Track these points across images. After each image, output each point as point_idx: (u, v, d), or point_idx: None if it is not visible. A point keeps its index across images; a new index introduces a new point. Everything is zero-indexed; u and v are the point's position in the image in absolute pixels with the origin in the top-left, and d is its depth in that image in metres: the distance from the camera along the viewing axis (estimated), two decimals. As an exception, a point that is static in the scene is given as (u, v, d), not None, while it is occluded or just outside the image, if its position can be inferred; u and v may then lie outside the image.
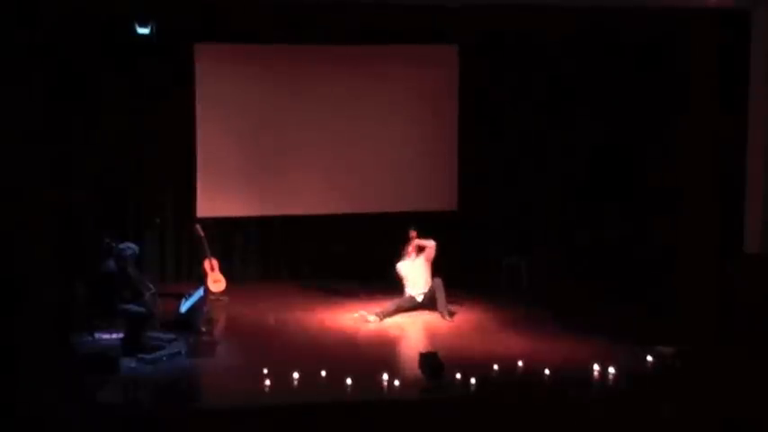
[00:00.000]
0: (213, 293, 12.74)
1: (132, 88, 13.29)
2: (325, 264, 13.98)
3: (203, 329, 11.31)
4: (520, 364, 9.93)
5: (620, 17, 11.54)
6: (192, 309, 11.31)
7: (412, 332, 11.59)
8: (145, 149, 13.54)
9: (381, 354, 10.68)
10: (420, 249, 12.33)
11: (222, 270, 13.00)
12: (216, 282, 12.89)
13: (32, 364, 9.66)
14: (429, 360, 9.53)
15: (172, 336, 10.73)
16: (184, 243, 13.74)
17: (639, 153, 12.84)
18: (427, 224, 13.13)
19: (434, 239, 12.32)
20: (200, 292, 11.61)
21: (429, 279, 12.18)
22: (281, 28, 12.98)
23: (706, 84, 11.51)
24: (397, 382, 9.39)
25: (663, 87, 12.37)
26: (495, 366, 9.82)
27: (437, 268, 12.32)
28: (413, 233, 12.37)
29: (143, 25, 11.73)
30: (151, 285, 11.09)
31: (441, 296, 11.95)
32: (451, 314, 11.91)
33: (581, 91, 13.65)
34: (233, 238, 14.00)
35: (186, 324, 11.17)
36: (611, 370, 9.73)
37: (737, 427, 8.95)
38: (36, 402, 8.82)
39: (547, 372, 9.70)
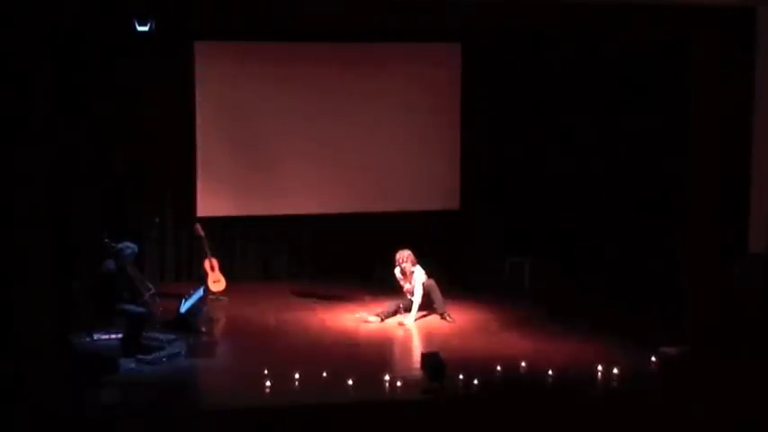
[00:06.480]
0: (213, 293, 12.69)
1: (132, 86, 13.21)
2: (325, 264, 13.92)
3: (203, 329, 11.27)
4: (523, 364, 9.86)
5: (622, 16, 11.46)
6: (191, 309, 11.27)
7: (413, 332, 11.51)
8: (145, 149, 13.46)
9: (382, 354, 10.65)
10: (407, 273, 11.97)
11: (222, 270, 12.93)
12: (216, 282, 12.82)
13: (32, 364, 9.60)
14: (431, 360, 9.47)
15: (172, 336, 10.69)
16: (184, 243, 13.68)
17: (641, 151, 12.77)
18: (428, 224, 13.07)
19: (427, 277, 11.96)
20: (200, 292, 11.59)
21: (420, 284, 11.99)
22: (282, 26, 12.90)
23: (710, 82, 11.42)
24: (398, 383, 9.33)
25: (664, 86, 12.30)
26: (498, 367, 9.76)
27: (439, 268, 12.30)
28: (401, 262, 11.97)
29: (143, 23, 11.66)
30: (151, 285, 11.06)
31: (436, 296, 11.84)
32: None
33: (583, 90, 13.57)
34: (233, 238, 13.93)
35: (186, 324, 11.14)
36: (615, 370, 9.66)
37: (741, 427, 8.91)
38: (36, 402, 8.76)
39: (550, 372, 9.65)
